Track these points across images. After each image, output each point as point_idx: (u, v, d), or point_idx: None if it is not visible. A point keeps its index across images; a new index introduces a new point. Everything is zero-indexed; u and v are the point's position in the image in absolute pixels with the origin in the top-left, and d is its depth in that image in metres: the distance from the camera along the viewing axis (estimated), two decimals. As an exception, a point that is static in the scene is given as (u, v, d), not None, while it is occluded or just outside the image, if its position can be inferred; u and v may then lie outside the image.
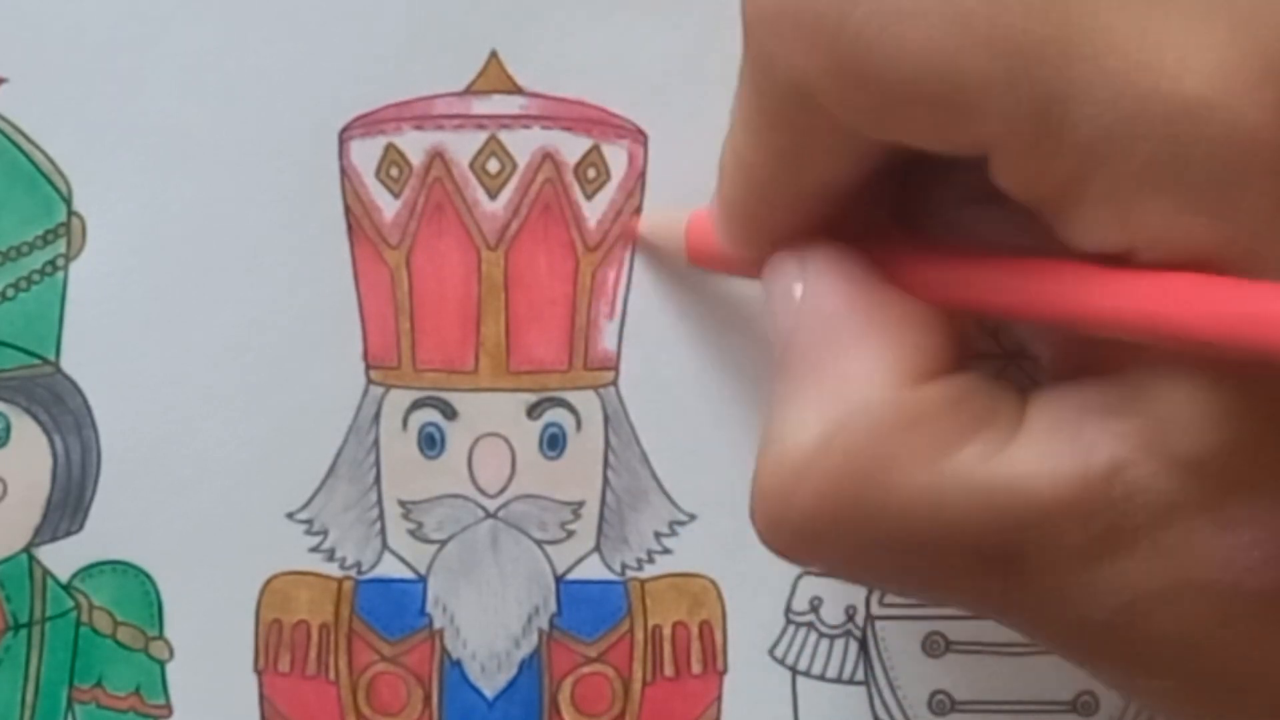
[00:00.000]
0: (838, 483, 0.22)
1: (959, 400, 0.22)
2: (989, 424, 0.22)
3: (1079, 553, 0.21)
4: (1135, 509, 0.21)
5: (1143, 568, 0.21)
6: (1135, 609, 0.21)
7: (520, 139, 0.29)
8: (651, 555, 0.30)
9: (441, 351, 0.29)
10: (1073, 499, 0.21)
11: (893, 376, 0.22)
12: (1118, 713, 0.29)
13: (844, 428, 0.22)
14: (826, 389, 0.22)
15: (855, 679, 0.30)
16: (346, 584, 0.30)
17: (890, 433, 0.22)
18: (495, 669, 0.30)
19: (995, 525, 0.21)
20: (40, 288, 0.29)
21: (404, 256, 0.29)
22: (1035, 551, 0.21)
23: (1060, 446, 0.21)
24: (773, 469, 0.22)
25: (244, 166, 0.29)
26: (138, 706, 0.30)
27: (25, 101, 0.29)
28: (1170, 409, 0.20)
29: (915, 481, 0.21)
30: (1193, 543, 0.21)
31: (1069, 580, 0.21)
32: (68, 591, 0.30)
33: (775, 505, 0.22)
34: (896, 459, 0.22)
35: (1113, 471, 0.21)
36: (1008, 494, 0.21)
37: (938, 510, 0.21)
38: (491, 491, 0.30)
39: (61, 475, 0.29)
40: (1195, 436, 0.20)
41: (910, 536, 0.22)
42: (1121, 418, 0.21)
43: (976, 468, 0.21)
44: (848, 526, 0.22)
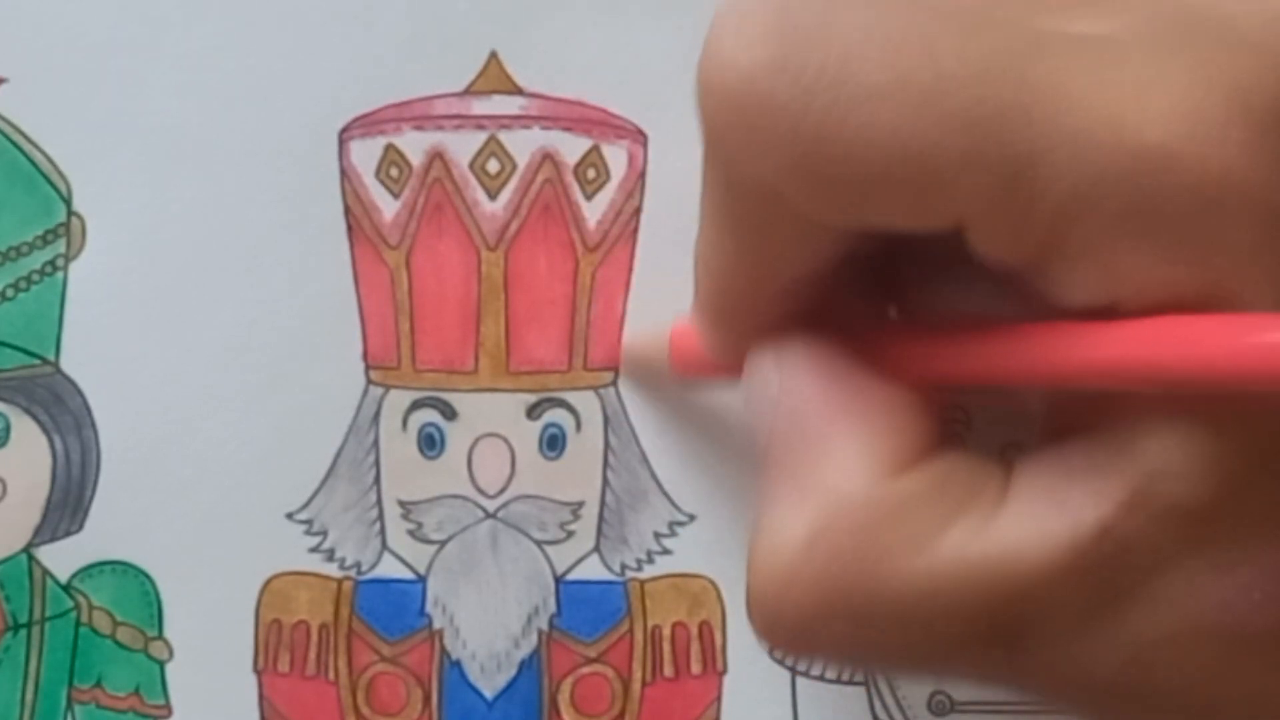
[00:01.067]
0: (827, 584, 0.22)
1: (940, 483, 0.22)
2: (973, 501, 0.22)
3: (1078, 615, 0.21)
4: (1129, 565, 0.20)
5: (1144, 621, 0.21)
6: (1140, 662, 0.21)
7: (520, 139, 0.29)
8: (651, 555, 0.30)
9: (441, 352, 0.29)
10: (1065, 565, 0.21)
11: (871, 469, 0.22)
12: (1117, 713, 0.30)
13: (827, 529, 0.22)
14: (807, 489, 0.22)
15: (855, 679, 0.30)
16: (346, 584, 0.30)
17: (873, 528, 0.22)
18: (495, 669, 0.30)
19: (990, 601, 0.21)
20: (40, 288, 0.29)
21: (404, 257, 0.29)
22: (1034, 621, 0.21)
23: (1047, 513, 0.21)
24: (763, 574, 0.22)
25: (244, 166, 0.29)
26: (137, 707, 0.30)
27: (25, 101, 0.29)
28: (1156, 460, 0.20)
29: (904, 571, 0.21)
30: (1191, 590, 0.20)
31: (1071, 644, 0.21)
32: (67, 591, 0.30)
33: (769, 609, 0.22)
34: (883, 553, 0.21)
35: (1102, 532, 0.20)
36: (999, 569, 0.21)
37: (930, 596, 0.21)
38: (491, 492, 0.30)
39: (61, 475, 0.29)
40: (1183, 485, 0.20)
41: (906, 624, 0.22)
42: (1106, 476, 0.21)
43: (965, 547, 0.21)
44: (842, 623, 0.22)
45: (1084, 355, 0.21)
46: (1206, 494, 0.20)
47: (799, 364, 0.23)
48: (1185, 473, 0.20)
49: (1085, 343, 0.21)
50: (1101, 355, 0.20)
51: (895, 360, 0.23)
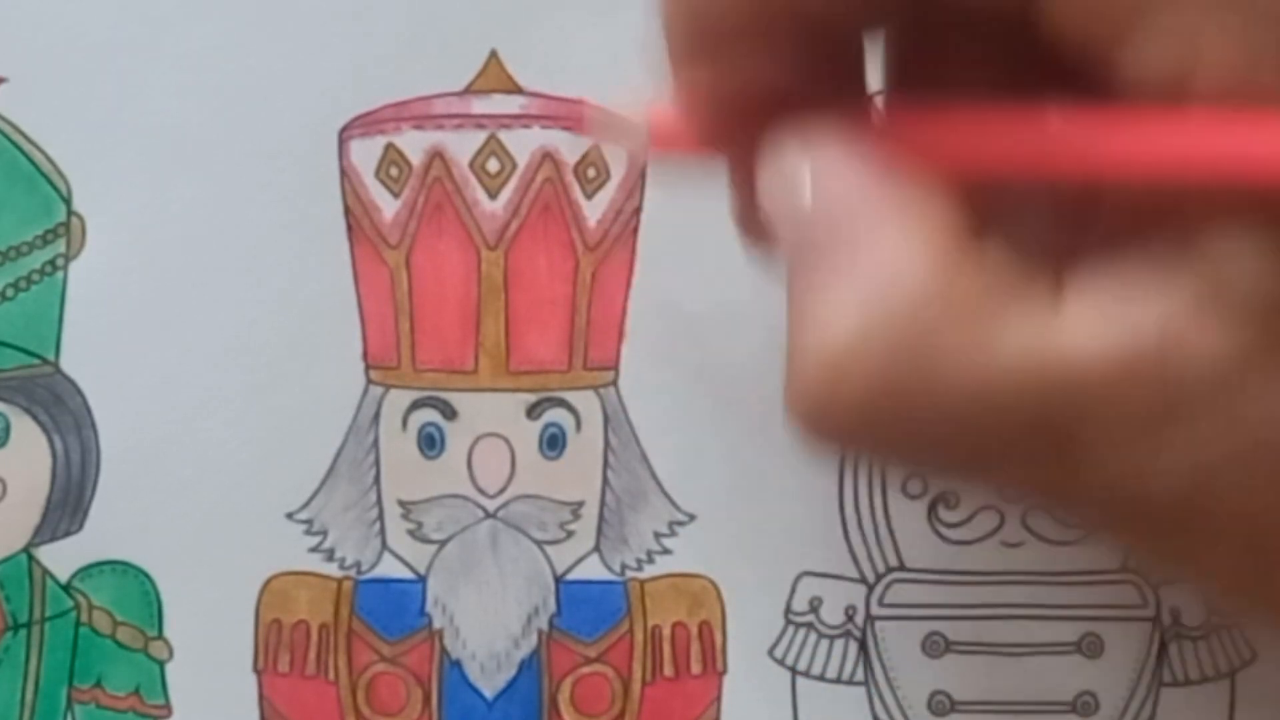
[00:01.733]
0: (885, 374, 0.21)
1: (995, 273, 0.21)
2: (1028, 294, 0.21)
3: (1137, 425, 0.20)
4: (1194, 373, 0.20)
5: (1207, 435, 0.20)
6: (1200, 481, 0.20)
7: (520, 139, 0.29)
8: (651, 555, 0.30)
9: (441, 351, 0.29)
10: (1126, 369, 0.20)
11: (926, 256, 0.21)
12: (1117, 713, 0.29)
13: (885, 314, 0.21)
14: (856, 279, 0.21)
15: (855, 679, 0.30)
16: (346, 584, 0.30)
17: (933, 315, 0.21)
18: (495, 669, 0.30)
19: (1047, 403, 0.20)
20: (40, 288, 0.29)
21: (404, 256, 0.29)
22: (1090, 428, 0.20)
23: (1108, 313, 0.20)
24: (813, 365, 0.21)
25: (244, 166, 0.29)
26: (137, 706, 0.30)
27: (25, 101, 0.29)
28: (1227, 260, 0.19)
29: (962, 365, 0.20)
30: (1261, 401, 0.20)
31: (1128, 456, 0.20)
32: (67, 591, 0.30)
33: (818, 402, 0.21)
34: (942, 343, 0.21)
35: (1166, 333, 0.20)
36: (1057, 369, 0.20)
37: (987, 393, 0.20)
38: (491, 491, 0.29)
39: (61, 475, 0.29)
40: (1257, 283, 0.19)
41: (961, 421, 0.21)
42: (1172, 279, 0.20)
43: (1024, 346, 0.20)
44: (897, 416, 0.21)
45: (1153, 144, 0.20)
46: (1277, 292, 0.19)
47: (832, 146, 0.22)
48: (1259, 271, 0.19)
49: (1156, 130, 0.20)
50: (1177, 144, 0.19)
51: (932, 149, 0.22)
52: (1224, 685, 0.30)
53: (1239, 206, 0.19)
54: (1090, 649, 0.29)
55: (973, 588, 0.29)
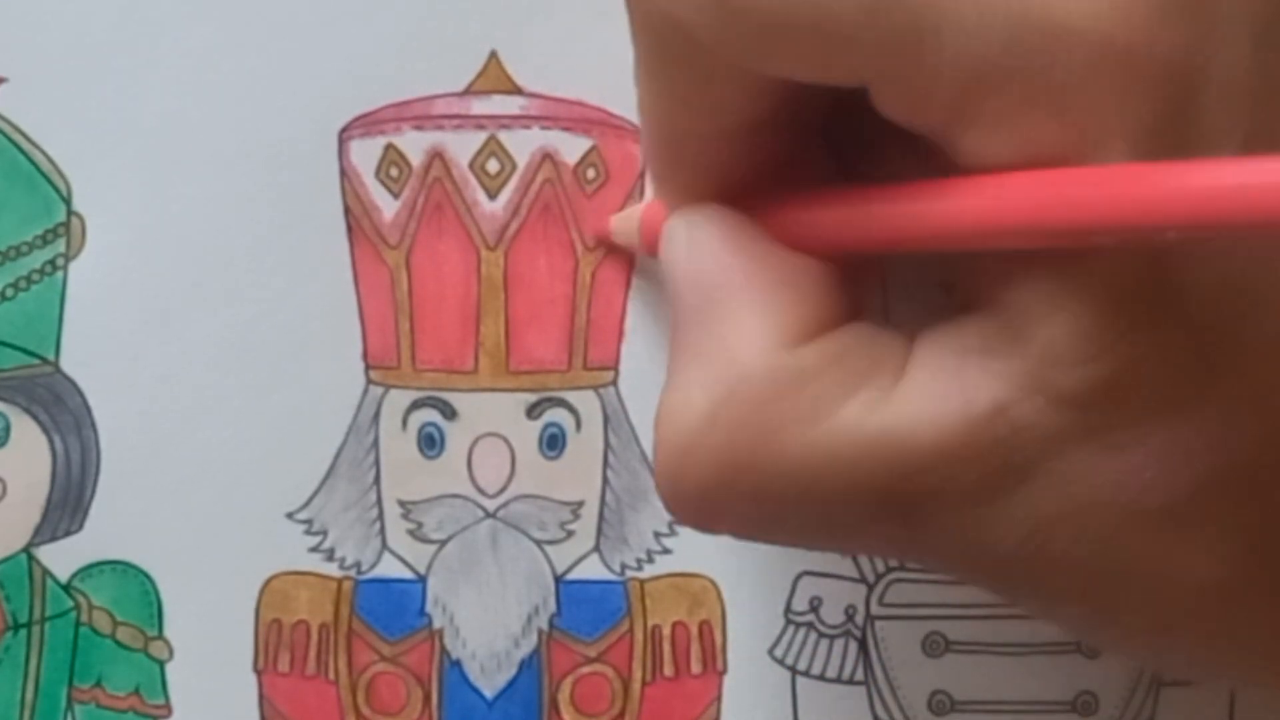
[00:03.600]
0: (726, 455, 0.22)
1: (839, 357, 0.22)
2: (872, 376, 0.22)
3: (974, 492, 0.21)
4: (1024, 444, 0.21)
5: (1040, 499, 0.21)
6: (1038, 539, 0.21)
7: (520, 139, 0.29)
8: (651, 555, 0.30)
9: (441, 351, 0.29)
10: (959, 443, 0.21)
11: (771, 340, 0.22)
12: (1117, 713, 0.30)
13: (726, 399, 0.22)
14: (707, 360, 0.23)
15: (855, 679, 0.30)
16: (346, 584, 0.30)
17: (771, 400, 0.22)
18: (495, 669, 0.30)
19: (886, 476, 0.21)
20: (40, 287, 0.29)
21: (404, 256, 0.29)
22: (930, 496, 0.21)
23: (942, 391, 0.21)
24: (666, 444, 0.23)
25: (244, 166, 0.29)
26: (137, 706, 0.30)
27: (25, 101, 0.29)
28: (1046, 345, 0.21)
29: (801, 443, 0.22)
30: (1085, 470, 0.21)
31: (968, 520, 0.21)
32: (67, 591, 0.30)
33: (671, 481, 0.23)
34: (780, 424, 0.22)
35: (996, 412, 0.21)
36: (894, 444, 0.21)
37: (827, 468, 0.22)
38: (491, 491, 0.30)
39: (61, 475, 0.29)
40: (1073, 371, 0.20)
41: (804, 497, 0.22)
42: (1001, 357, 0.21)
43: (861, 422, 0.21)
44: (742, 494, 0.22)
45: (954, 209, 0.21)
46: (1096, 380, 0.20)
47: (707, 231, 0.24)
48: (1075, 359, 0.20)
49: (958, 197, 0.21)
50: (972, 208, 0.21)
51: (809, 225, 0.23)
52: (1224, 685, 0.30)
53: (1061, 289, 0.20)
54: (1091, 648, 0.29)
55: (972, 588, 0.29)
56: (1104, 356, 0.20)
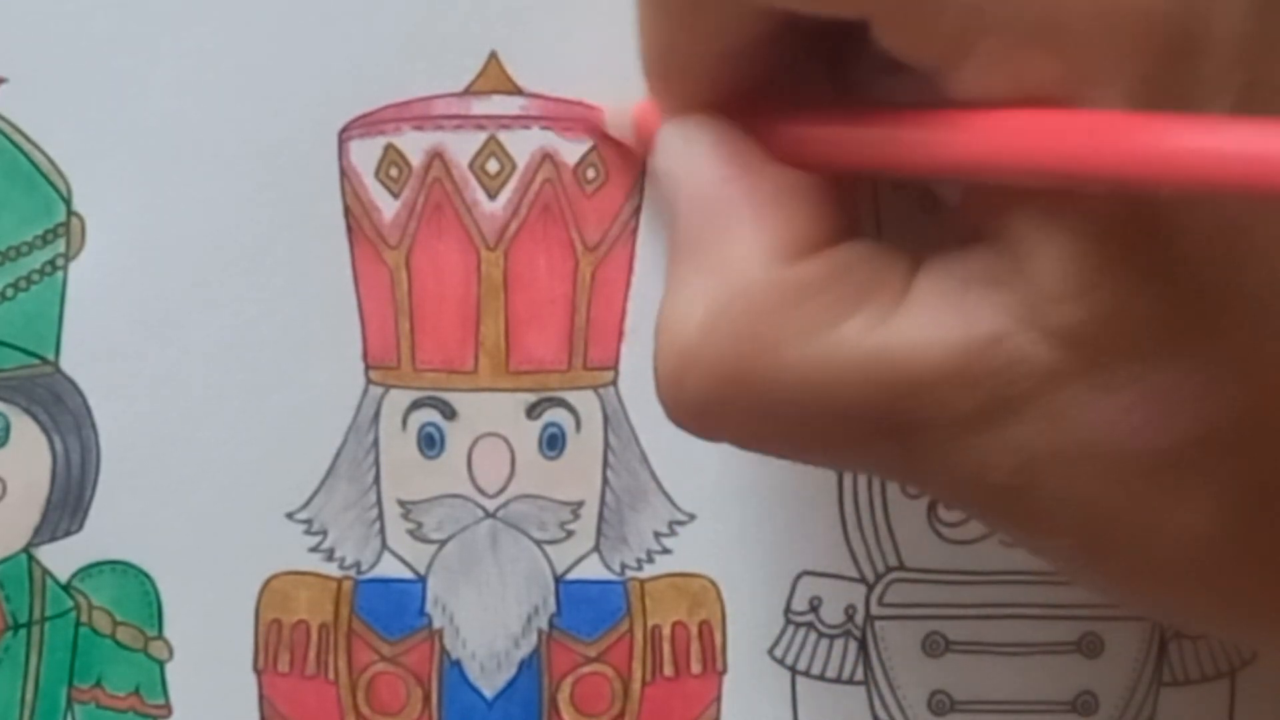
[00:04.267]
0: (724, 365, 0.22)
1: (840, 273, 0.22)
2: (873, 295, 0.22)
3: (968, 419, 0.21)
4: (1019, 377, 0.21)
5: (1033, 432, 0.21)
6: (1029, 472, 0.21)
7: (520, 139, 0.29)
8: (651, 555, 0.30)
9: (441, 351, 0.29)
10: (957, 368, 0.21)
11: (771, 253, 0.22)
12: (1117, 713, 0.30)
13: (726, 311, 0.22)
14: (708, 271, 0.23)
15: (855, 679, 0.30)
16: (346, 584, 0.30)
17: (771, 311, 0.22)
18: (495, 669, 0.30)
19: (883, 395, 0.21)
20: (40, 288, 0.29)
21: (404, 257, 0.29)
22: (925, 419, 0.21)
23: (944, 316, 0.21)
24: (665, 354, 0.23)
25: (244, 166, 0.29)
26: (137, 706, 0.30)
27: (25, 101, 0.29)
28: (1043, 281, 0.21)
29: (800, 357, 0.22)
30: (1077, 408, 0.21)
31: (961, 445, 0.21)
32: (67, 591, 0.30)
33: (671, 389, 0.23)
34: (779, 337, 0.22)
35: (994, 341, 0.21)
36: (892, 364, 0.21)
37: (825, 383, 0.22)
38: (491, 491, 0.30)
39: (61, 475, 0.29)
40: (1067, 308, 0.21)
41: (801, 410, 0.22)
42: (1001, 288, 0.21)
43: (861, 339, 0.22)
44: (740, 404, 0.22)
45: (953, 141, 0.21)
46: (1088, 318, 0.21)
47: (704, 145, 0.24)
48: (1070, 296, 0.20)
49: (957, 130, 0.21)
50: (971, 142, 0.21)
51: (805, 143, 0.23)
52: (1223, 684, 0.30)
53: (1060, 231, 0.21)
54: (1090, 648, 0.29)
55: (973, 587, 0.29)
56: (1093, 293, 0.20)
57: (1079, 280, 0.20)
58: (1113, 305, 0.20)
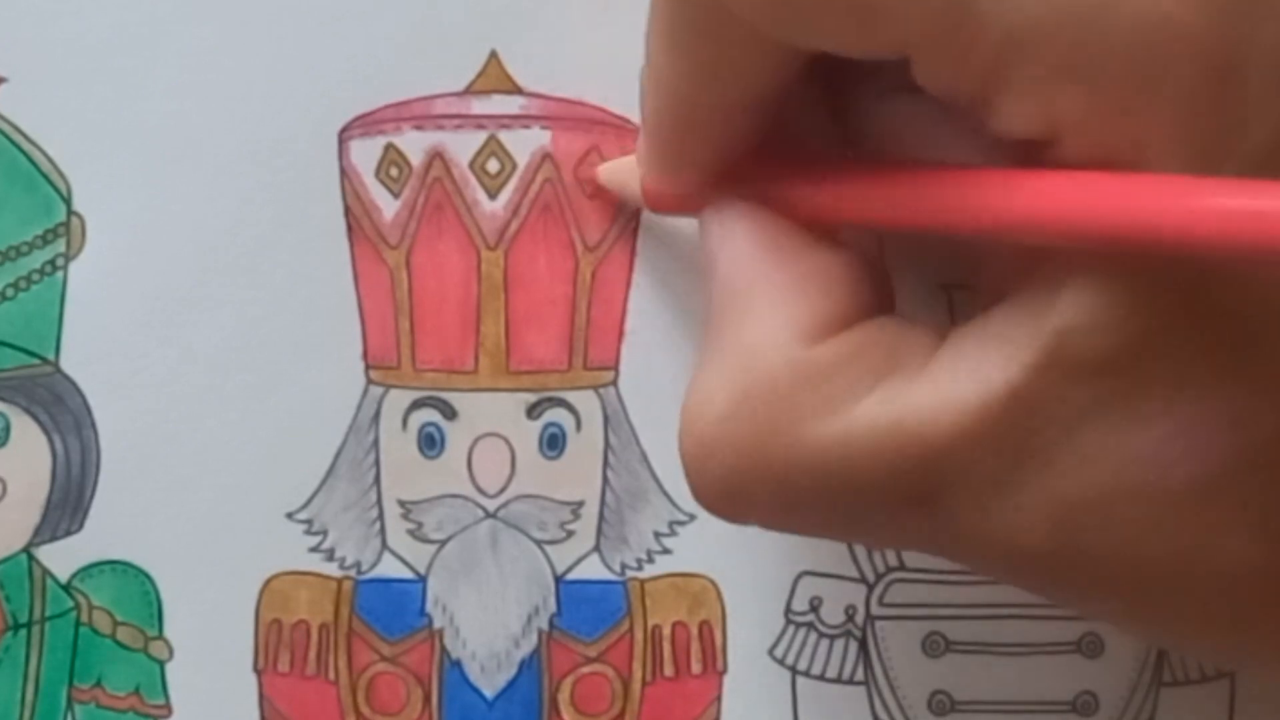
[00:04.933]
0: (744, 449, 0.22)
1: (860, 352, 0.22)
2: (893, 371, 0.22)
3: (994, 479, 0.21)
4: (1042, 425, 0.21)
5: (1063, 483, 0.21)
6: (1065, 525, 0.21)
7: (520, 139, 0.29)
8: (651, 555, 0.30)
9: (441, 351, 0.29)
10: (975, 428, 0.21)
11: (790, 337, 0.23)
12: (1117, 713, 0.30)
13: (745, 396, 0.22)
14: (728, 355, 0.23)
15: (855, 679, 0.30)
16: (346, 584, 0.30)
17: (788, 395, 0.22)
18: (495, 669, 0.30)
19: (904, 466, 0.21)
20: (40, 287, 0.29)
21: (404, 256, 0.29)
22: (950, 486, 0.21)
23: (958, 380, 0.21)
24: (688, 439, 0.23)
25: (244, 166, 0.29)
26: (137, 706, 0.30)
27: (25, 101, 0.29)
28: (1066, 318, 0.21)
29: (818, 437, 0.22)
30: (1112, 446, 0.21)
31: (991, 508, 0.21)
32: (67, 591, 0.30)
33: (695, 474, 0.23)
34: (798, 419, 0.22)
35: (1011, 395, 0.21)
36: (910, 433, 0.21)
37: (844, 461, 0.22)
38: (491, 491, 0.30)
39: (61, 475, 0.29)
40: (1094, 340, 0.20)
41: (824, 489, 0.22)
42: (1017, 340, 0.21)
43: (878, 414, 0.22)
44: (764, 486, 0.23)
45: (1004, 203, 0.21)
46: (1119, 347, 0.20)
47: (736, 226, 0.24)
48: (1096, 327, 0.20)
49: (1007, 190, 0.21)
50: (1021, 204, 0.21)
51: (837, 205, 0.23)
52: (1224, 684, 0.30)
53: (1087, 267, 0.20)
54: (1090, 648, 0.29)
55: (973, 587, 0.29)
56: (1128, 321, 0.20)
57: (1111, 309, 0.20)
58: (1145, 332, 0.20)
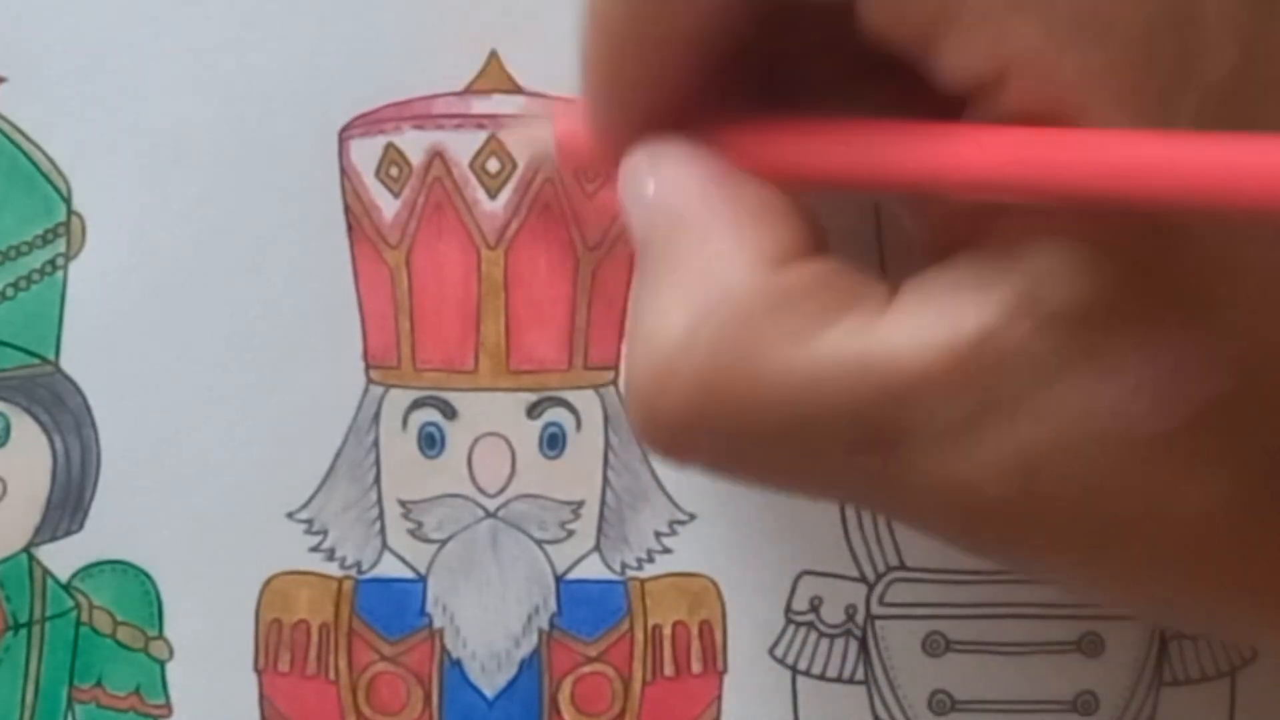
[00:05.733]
0: (708, 374, 0.21)
1: (825, 280, 0.22)
2: (858, 302, 0.21)
3: (958, 424, 0.21)
4: (1011, 373, 0.20)
5: (1028, 433, 0.20)
6: (1024, 476, 0.21)
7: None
8: (651, 555, 0.30)
9: (441, 351, 0.29)
10: (944, 371, 0.20)
11: (754, 260, 0.22)
12: (1118, 713, 0.30)
13: (709, 317, 0.22)
14: (688, 280, 0.22)
15: (855, 679, 0.30)
16: (346, 584, 0.30)
17: (756, 316, 0.21)
18: (495, 668, 0.30)
19: (868, 402, 0.21)
20: (40, 287, 0.29)
21: (404, 256, 0.29)
22: (913, 426, 0.21)
23: (929, 320, 0.21)
24: (642, 367, 0.22)
25: (244, 166, 0.29)
26: (138, 706, 0.30)
27: (25, 101, 0.29)
28: (1039, 267, 0.20)
29: (785, 363, 0.21)
30: (1078, 397, 0.20)
31: (950, 454, 0.21)
32: (68, 591, 0.30)
33: (648, 404, 0.22)
34: (765, 343, 0.21)
35: (983, 339, 0.20)
36: (879, 369, 0.21)
37: (810, 390, 0.21)
38: (491, 491, 0.30)
39: (61, 475, 0.29)
40: (1067, 289, 0.20)
41: (785, 421, 0.21)
42: (989, 285, 0.21)
43: (846, 344, 0.21)
44: (722, 417, 0.22)
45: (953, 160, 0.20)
46: (1090, 297, 0.20)
47: (675, 161, 0.23)
48: (1068, 276, 0.20)
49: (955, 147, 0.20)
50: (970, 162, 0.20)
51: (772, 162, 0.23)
52: (1224, 684, 0.30)
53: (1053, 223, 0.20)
54: (1090, 648, 0.29)
55: (973, 587, 0.29)
56: (1098, 269, 0.20)
57: (1078, 259, 0.20)
58: (1114, 282, 0.20)
